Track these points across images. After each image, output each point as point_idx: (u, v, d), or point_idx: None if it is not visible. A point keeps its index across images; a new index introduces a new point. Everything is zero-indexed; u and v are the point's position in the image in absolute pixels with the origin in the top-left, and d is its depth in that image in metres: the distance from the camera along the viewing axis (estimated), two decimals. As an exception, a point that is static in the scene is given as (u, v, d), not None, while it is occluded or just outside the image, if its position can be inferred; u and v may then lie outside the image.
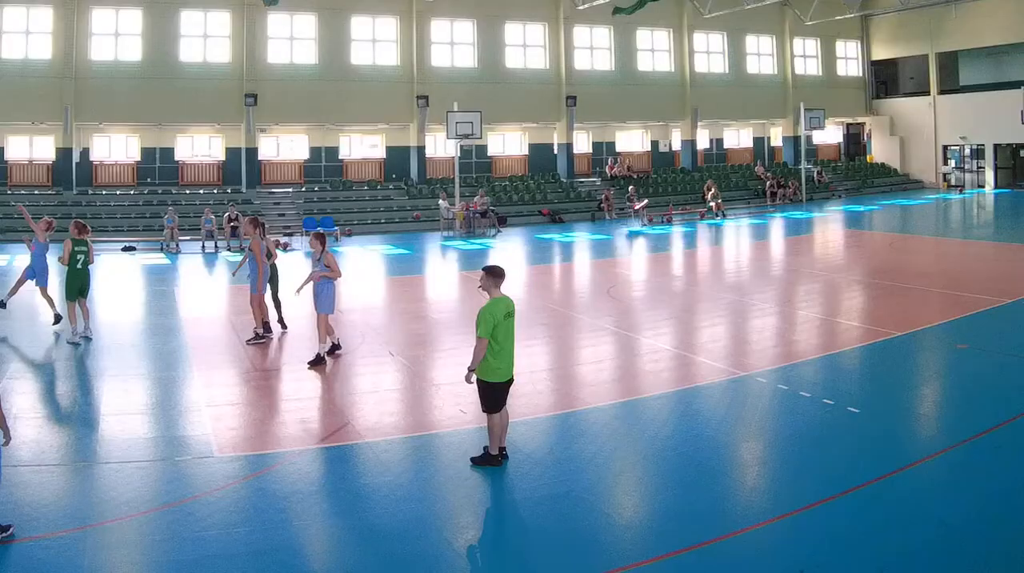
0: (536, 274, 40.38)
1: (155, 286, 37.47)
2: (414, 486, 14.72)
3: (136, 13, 59.36)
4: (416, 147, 66.63)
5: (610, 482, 14.99)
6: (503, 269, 15.56)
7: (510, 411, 15.91)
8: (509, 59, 69.11)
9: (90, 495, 14.28)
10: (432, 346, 25.47)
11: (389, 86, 65.07)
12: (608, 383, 21.38)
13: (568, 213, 64.91)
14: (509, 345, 15.19)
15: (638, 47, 73.25)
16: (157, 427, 17.85)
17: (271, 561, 12.04)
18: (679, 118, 74.79)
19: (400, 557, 12.21)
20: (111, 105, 58.55)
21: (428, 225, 60.16)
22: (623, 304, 31.85)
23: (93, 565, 11.97)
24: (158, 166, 62.85)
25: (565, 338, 26.38)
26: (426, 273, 43.54)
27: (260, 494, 14.33)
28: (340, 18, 63.98)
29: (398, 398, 20.30)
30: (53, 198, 57.41)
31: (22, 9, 57.40)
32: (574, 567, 11.90)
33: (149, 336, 26.77)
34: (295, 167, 66.43)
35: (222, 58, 61.58)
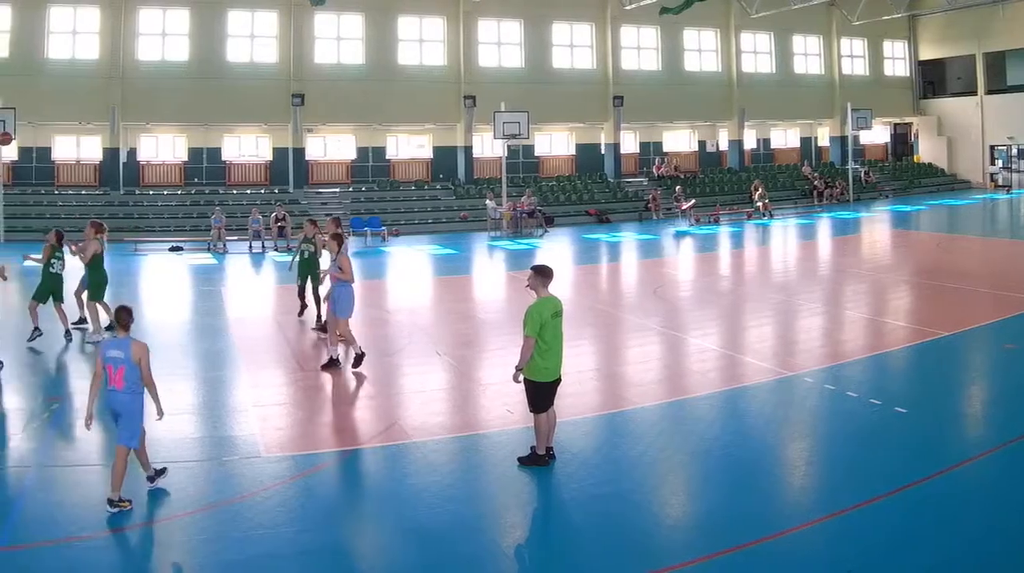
0: (583, 274, 39.67)
1: (202, 286, 36.66)
2: (461, 486, 14.61)
3: (183, 13, 58.21)
4: (463, 147, 65.02)
5: (657, 482, 14.88)
6: (551, 269, 15.30)
7: (557, 411, 15.48)
8: (556, 59, 67.15)
9: (137, 495, 13.77)
10: (479, 346, 25.20)
11: (436, 86, 63.36)
12: (655, 383, 21.03)
13: (615, 213, 63.36)
14: (557, 345, 14.96)
15: (685, 47, 71.00)
16: (204, 427, 17.69)
17: (318, 561, 11.97)
18: (726, 118, 72.54)
19: (447, 558, 12.05)
20: (158, 105, 57.15)
21: (475, 225, 58.79)
22: (670, 304, 31.35)
23: (140, 565, 12.00)
24: (205, 166, 61.50)
25: (612, 338, 26.10)
26: (473, 273, 42.83)
27: (307, 494, 14.19)
28: (387, 18, 62.48)
29: (445, 398, 20.04)
30: (100, 198, 56.30)
31: (69, 9, 56.31)
32: (621, 567, 11.68)
33: (196, 336, 26.36)
34: (342, 167, 64.88)
35: (269, 58, 60.23)
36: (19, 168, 57.19)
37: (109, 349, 13.70)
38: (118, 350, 13.61)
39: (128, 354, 13.56)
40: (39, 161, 58.14)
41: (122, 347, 13.62)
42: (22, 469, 15.12)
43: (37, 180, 57.65)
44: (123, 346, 13.63)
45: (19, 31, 54.93)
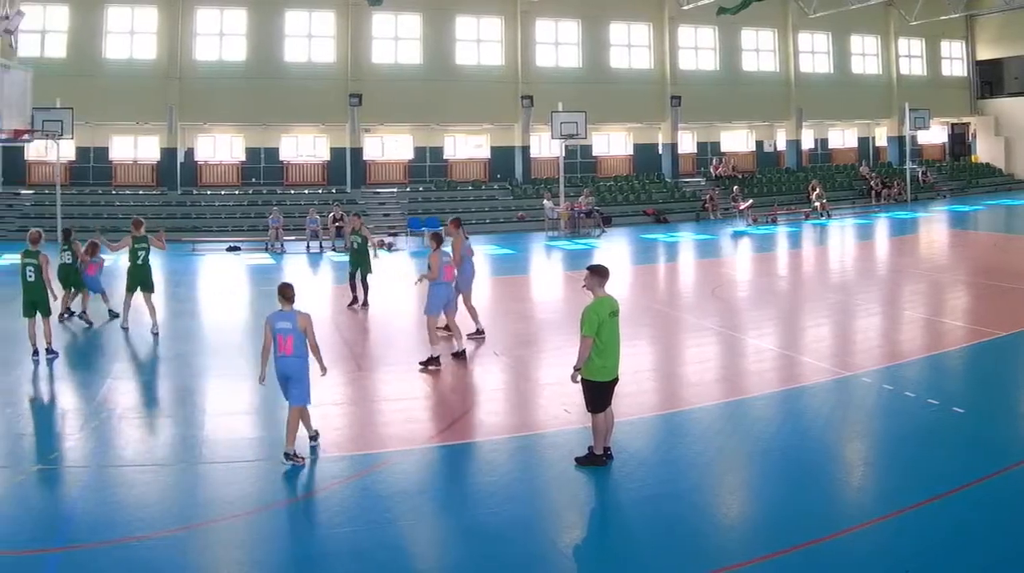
0: (641, 274, 38.85)
1: (260, 286, 35.33)
2: (519, 486, 14.33)
3: (240, 13, 57.02)
4: (521, 147, 62.93)
5: (715, 482, 14.58)
6: (608, 268, 15.01)
7: (615, 411, 15.19)
8: (614, 59, 64.73)
9: (195, 495, 13.92)
10: (537, 346, 24.59)
11: (494, 86, 61.24)
12: (713, 383, 20.60)
13: (673, 213, 60.97)
14: (614, 344, 14.60)
15: (743, 47, 68.40)
16: (262, 427, 17.29)
17: (375, 561, 11.73)
18: (784, 118, 69.72)
19: (505, 557, 11.85)
20: (215, 105, 56.00)
21: (533, 225, 56.74)
22: (728, 304, 30.63)
23: (198, 565, 11.73)
24: (263, 166, 59.85)
25: (670, 338, 25.59)
26: (531, 273, 41.87)
27: (365, 494, 13.93)
28: (444, 18, 60.59)
29: (503, 398, 19.87)
30: (157, 198, 54.89)
31: (127, 9, 55.22)
32: (679, 567, 11.53)
33: (254, 336, 24.47)
34: (400, 167, 62.78)
35: (327, 58, 58.75)
36: (77, 168, 56.15)
37: (278, 321, 15.22)
38: (286, 322, 15.19)
39: (295, 324, 15.16)
40: (96, 161, 56.87)
41: (289, 319, 15.20)
42: (80, 469, 14.93)
43: (95, 180, 56.44)
44: (290, 318, 15.22)
45: (77, 31, 53.91)
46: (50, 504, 13.63)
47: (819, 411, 17.99)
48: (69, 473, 14.74)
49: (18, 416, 18.02)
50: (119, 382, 20.77)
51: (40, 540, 12.18)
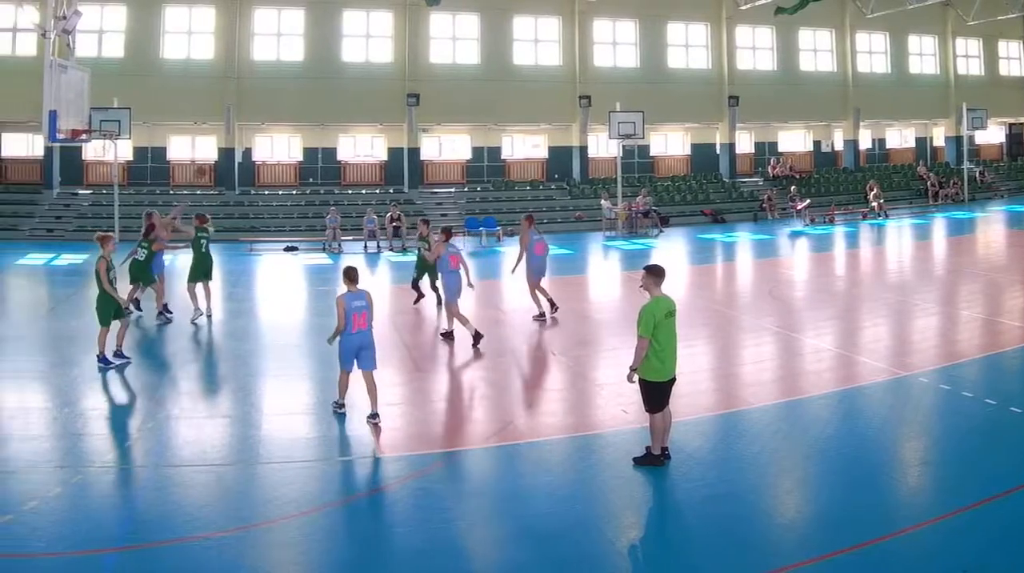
0: (698, 274, 37.61)
1: (317, 286, 34.72)
2: (576, 486, 13.90)
3: (298, 13, 54.84)
4: (578, 147, 60.11)
5: (772, 482, 14.06)
6: (664, 268, 14.60)
7: (672, 411, 14.65)
8: (671, 59, 61.81)
9: (252, 495, 13.60)
10: (594, 346, 23.93)
11: (551, 86, 58.56)
12: (770, 383, 19.99)
13: (730, 213, 58.32)
14: (670, 344, 14.12)
15: (800, 47, 65.31)
16: (319, 427, 16.89)
17: (433, 561, 11.35)
18: (841, 118, 66.56)
19: (563, 558, 11.40)
20: (273, 105, 54.02)
21: (590, 225, 54.27)
22: (785, 304, 29.86)
23: (255, 565, 11.38)
24: (320, 166, 57.81)
25: (727, 338, 24.60)
26: (588, 273, 40.43)
27: (422, 494, 13.53)
28: (502, 18, 57.98)
29: (560, 398, 19.21)
30: (215, 198, 52.56)
31: (184, 9, 53.26)
32: (736, 567, 11.08)
33: (312, 336, 24.72)
34: (457, 167, 60.61)
35: (384, 58, 56.46)
36: (134, 168, 54.48)
37: (352, 300, 16.42)
38: (360, 300, 16.53)
39: (368, 301, 16.60)
40: (154, 161, 55.10)
41: (361, 298, 16.56)
42: (137, 469, 14.63)
43: (152, 180, 54.69)
44: (362, 297, 16.58)
45: (134, 31, 52.19)
46: (107, 504, 13.22)
47: (876, 411, 17.47)
48: (126, 473, 14.41)
49: (76, 416, 17.26)
50: (177, 382, 20.28)
51: (97, 540, 11.78)
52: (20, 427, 16.39)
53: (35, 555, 11.31)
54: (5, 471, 14.04)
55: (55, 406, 17.97)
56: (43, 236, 47.43)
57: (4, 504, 12.69)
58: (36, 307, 30.86)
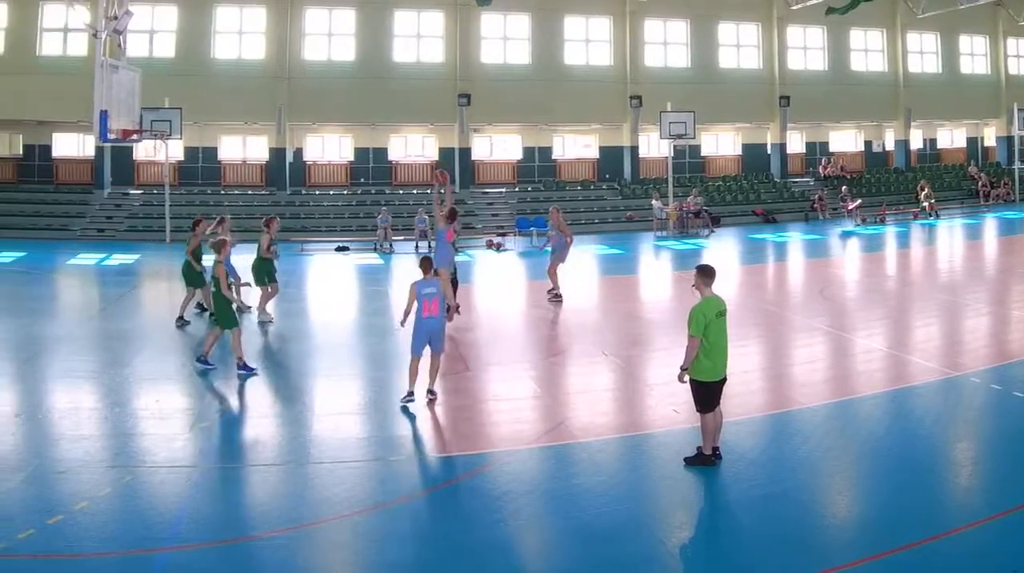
0: (749, 274, 36.16)
1: (369, 286, 34.15)
2: (627, 486, 13.43)
3: (349, 13, 52.66)
4: (629, 147, 57.34)
5: (823, 482, 13.60)
6: (714, 268, 14.10)
7: (723, 411, 14.05)
8: (722, 59, 59.02)
9: (304, 495, 13.10)
10: (645, 346, 23.18)
11: (602, 86, 55.86)
12: (821, 383, 19.35)
13: (781, 213, 55.57)
14: (721, 344, 13.65)
15: (851, 47, 62.43)
16: (370, 427, 16.49)
17: (484, 561, 11.03)
18: (892, 118, 63.47)
19: (613, 558, 10.96)
20: (324, 105, 51.95)
21: (641, 225, 51.82)
22: (836, 304, 28.83)
23: (307, 565, 11.07)
24: (371, 166, 55.43)
25: (778, 338, 23.86)
26: (639, 273, 39.08)
27: (473, 494, 13.19)
28: (553, 18, 55.33)
29: (611, 398, 18.63)
30: (266, 198, 50.78)
31: (235, 9, 51.26)
32: (787, 567, 10.71)
33: (363, 336, 24.68)
34: (508, 167, 57.92)
35: (435, 58, 54.07)
36: (185, 168, 52.45)
37: (424, 287, 16.74)
38: (431, 287, 16.82)
39: (438, 289, 16.93)
40: (205, 161, 53.06)
41: (432, 285, 16.86)
42: (189, 469, 14.01)
43: (203, 180, 52.74)
44: (433, 284, 16.90)
45: (185, 31, 50.28)
46: (157, 504, 12.70)
47: (927, 411, 17.00)
48: (177, 473, 13.85)
49: (126, 416, 16.74)
50: (229, 381, 19.29)
51: (147, 540, 11.41)
52: (71, 427, 15.91)
53: (85, 555, 10.92)
54: (56, 471, 13.65)
55: (106, 406, 17.39)
56: (94, 236, 45.97)
57: (55, 504, 12.35)
58: (87, 307, 29.81)
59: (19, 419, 16.27)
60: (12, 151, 51.91)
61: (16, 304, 28.79)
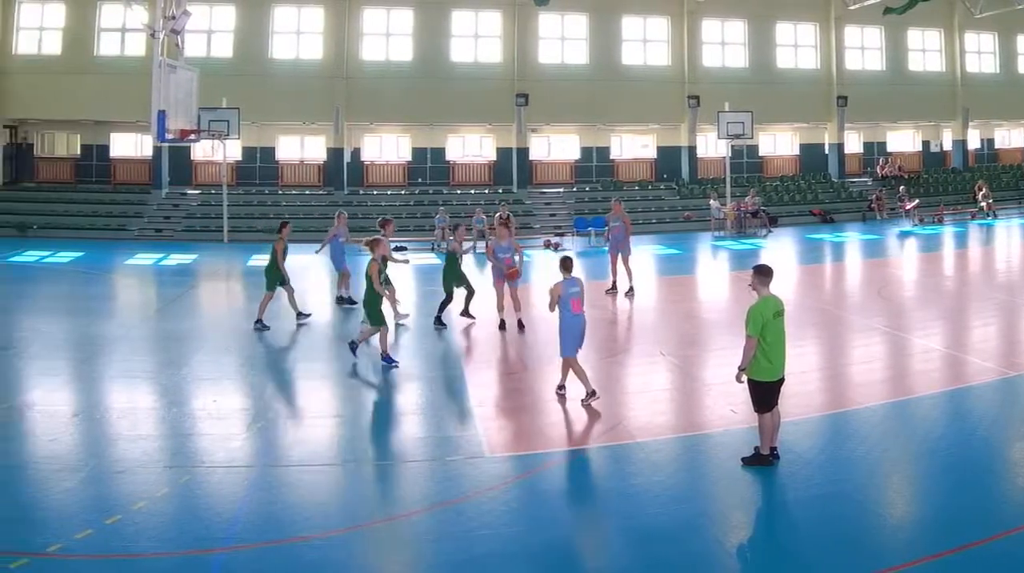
0: (806, 274, 34.65)
1: (426, 286, 31.61)
2: (685, 486, 12.95)
3: (407, 13, 50.05)
4: (687, 147, 54.24)
5: (881, 482, 12.91)
6: (772, 268, 13.39)
7: (781, 411, 13.33)
8: (780, 59, 55.79)
9: (361, 495, 12.83)
10: (703, 346, 22.25)
11: (660, 86, 52.65)
12: (878, 383, 18.21)
13: (839, 213, 52.44)
14: (779, 344, 12.97)
15: (909, 47, 58.97)
16: (428, 427, 15.71)
17: (543, 561, 10.66)
18: (950, 118, 59.88)
19: (671, 558, 10.62)
20: (382, 105, 49.49)
21: (698, 225, 49.22)
22: (894, 304, 27.52)
23: (364, 565, 10.77)
24: (429, 166, 52.86)
25: (835, 338, 22.77)
26: (696, 273, 37.60)
27: (531, 494, 12.61)
28: (611, 18, 52.23)
29: (669, 398, 17.70)
30: (324, 198, 48.45)
31: (293, 9, 48.96)
32: (845, 566, 10.23)
33: (421, 336, 23.13)
34: (566, 167, 54.85)
35: (493, 58, 51.23)
36: (243, 168, 50.26)
37: (569, 287, 16.35)
38: (575, 286, 16.44)
39: (581, 287, 16.57)
40: (263, 161, 50.89)
41: (576, 284, 16.47)
42: (246, 469, 13.47)
43: (261, 180, 50.55)
44: (576, 283, 16.50)
45: (243, 31, 48.23)
46: (215, 504, 12.16)
47: (985, 411, 16.11)
48: (235, 473, 13.30)
49: (185, 416, 16.14)
50: (286, 381, 19.13)
51: (205, 540, 10.89)
52: (128, 427, 15.34)
53: (143, 555, 10.52)
54: (114, 471, 13.20)
55: (163, 406, 16.77)
56: (151, 236, 43.98)
57: (112, 504, 11.90)
58: (144, 307, 28.94)
59: (77, 419, 15.69)
60: (70, 151, 50.41)
61: (74, 304, 27.85)
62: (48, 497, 12.26)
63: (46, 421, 15.52)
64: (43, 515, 11.63)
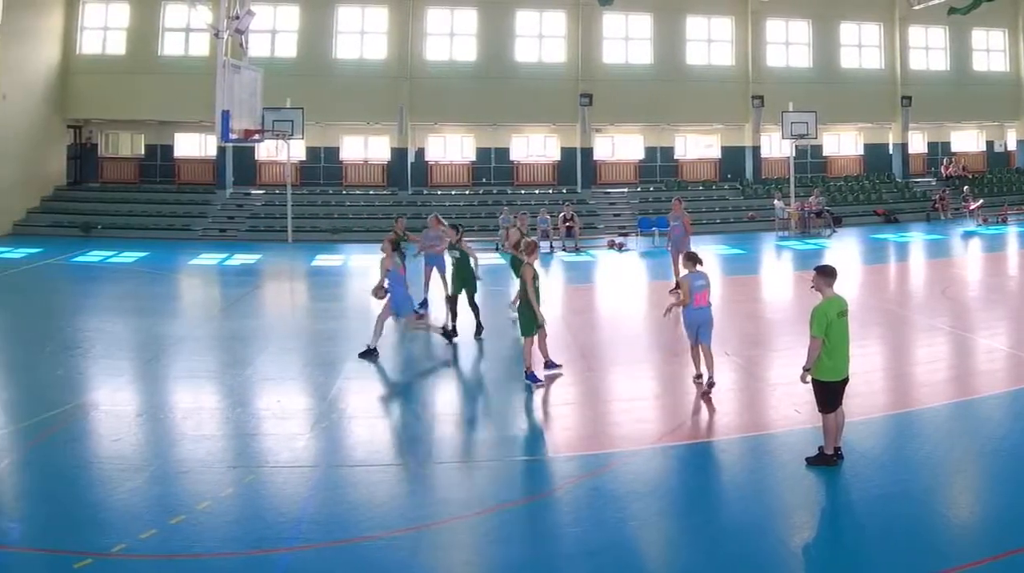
0: (870, 274, 33.00)
1: (489, 286, 28.93)
2: (749, 486, 12.25)
3: (471, 13, 47.43)
4: (751, 147, 51.16)
5: (945, 482, 12.29)
6: (835, 269, 12.89)
7: (845, 411, 12.58)
8: (844, 59, 52.54)
9: (424, 495, 12.17)
10: (767, 346, 21.03)
11: (724, 86, 49.66)
12: (943, 383, 17.09)
13: (903, 213, 49.08)
14: (843, 344, 12.37)
15: (973, 47, 55.36)
16: (491, 427, 15.13)
17: (606, 561, 10.00)
18: (1014, 118, 56.11)
19: (735, 556, 10.03)
20: (446, 105, 46.95)
21: (762, 225, 46.33)
22: (958, 304, 26.19)
23: (428, 565, 10.17)
24: (493, 166, 49.96)
25: (899, 338, 21.54)
26: (760, 273, 35.96)
27: (595, 494, 11.84)
28: (675, 18, 49.23)
29: (733, 398, 16.28)
30: (388, 198, 46.07)
31: (357, 9, 46.64)
32: (909, 566, 9.70)
33: (484, 336, 21.50)
34: (630, 167, 51.65)
35: (557, 58, 48.27)
36: (307, 168, 47.68)
37: (696, 280, 16.01)
38: (701, 280, 16.09)
39: (708, 281, 16.21)
40: (327, 161, 48.37)
41: (702, 278, 16.11)
42: (310, 469, 12.84)
43: (325, 180, 47.99)
44: (703, 277, 16.14)
45: (307, 31, 46.06)
46: (279, 504, 11.49)
47: None
48: (299, 473, 12.60)
49: (249, 416, 15.34)
50: (350, 382, 17.61)
51: (271, 540, 10.35)
52: (193, 427, 14.63)
53: (207, 555, 9.97)
54: (178, 471, 12.59)
55: (228, 406, 16.01)
56: (216, 236, 41.69)
57: (177, 504, 11.33)
58: (209, 307, 27.85)
59: (141, 419, 15.16)
60: (134, 151, 48.19)
61: (138, 304, 26.94)
62: (112, 497, 11.64)
63: (111, 421, 14.88)
64: (107, 515, 11.07)
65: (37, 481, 12.32)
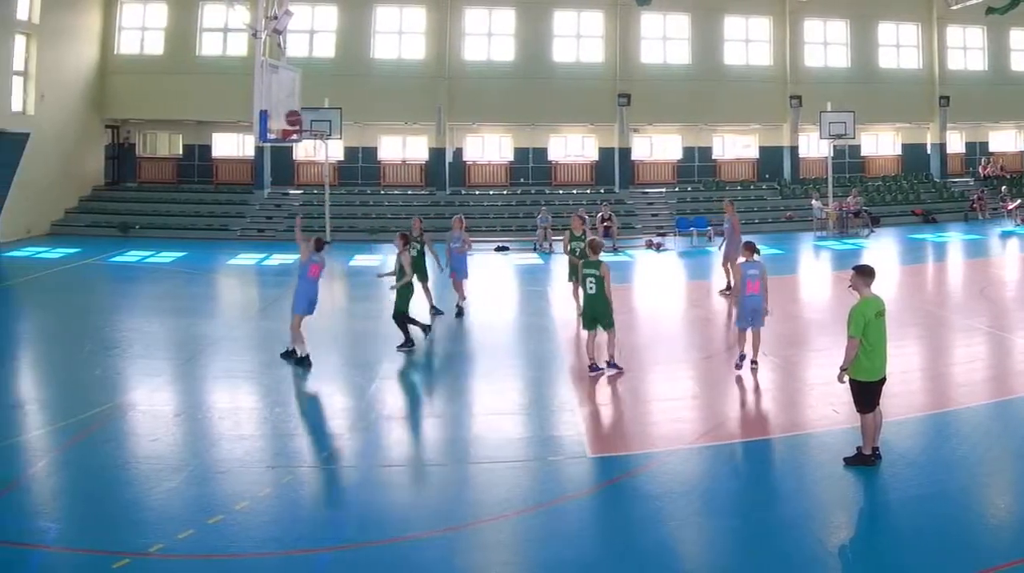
0: (908, 274, 32.36)
1: (528, 286, 30.90)
2: (787, 486, 12.02)
3: (509, 13, 45.87)
4: (789, 147, 49.29)
5: (983, 482, 11.89)
6: (873, 268, 12.53)
7: (883, 411, 12.25)
8: (882, 59, 50.55)
9: (463, 495, 11.91)
10: (804, 346, 20.41)
11: (762, 86, 47.90)
12: (981, 383, 16.55)
13: (941, 213, 47.27)
14: (881, 344, 11.95)
15: (1011, 47, 53.11)
16: (529, 427, 14.57)
17: (644, 561, 9.77)
18: (1053, 118, 52.81)
19: (772, 556, 9.80)
20: (484, 105, 45.52)
21: (800, 225, 44.74)
22: (996, 304, 25.28)
23: (465, 565, 9.95)
24: (531, 166, 48.24)
25: (937, 338, 20.93)
26: (799, 273, 34.93)
27: (633, 494, 11.72)
28: (713, 18, 47.53)
29: (771, 398, 16.08)
30: (426, 198, 44.55)
31: (395, 9, 45.25)
32: (947, 566, 9.46)
33: (523, 336, 21.74)
34: (668, 167, 49.94)
35: (595, 58, 46.68)
36: (345, 168, 46.31)
37: (749, 269, 16.51)
38: (755, 269, 16.53)
39: (760, 270, 16.61)
40: (365, 161, 46.89)
41: (757, 267, 16.56)
42: (349, 469, 12.81)
43: (363, 180, 46.55)
44: (757, 266, 16.59)
45: (346, 32, 44.77)
46: (317, 504, 11.55)
47: None
48: (338, 473, 12.56)
49: (287, 416, 14.97)
50: (388, 382, 17.46)
51: (309, 539, 10.18)
52: (231, 427, 14.30)
53: (246, 555, 9.79)
54: (217, 471, 12.21)
55: (266, 406, 15.54)
56: (254, 236, 40.38)
57: (215, 504, 11.02)
58: (247, 307, 27.56)
59: (179, 419, 14.78)
60: (172, 151, 47.10)
61: (176, 304, 26.56)
62: (150, 497, 11.40)
63: (148, 421, 14.60)
64: (145, 515, 10.81)
65: (75, 481, 11.98)
